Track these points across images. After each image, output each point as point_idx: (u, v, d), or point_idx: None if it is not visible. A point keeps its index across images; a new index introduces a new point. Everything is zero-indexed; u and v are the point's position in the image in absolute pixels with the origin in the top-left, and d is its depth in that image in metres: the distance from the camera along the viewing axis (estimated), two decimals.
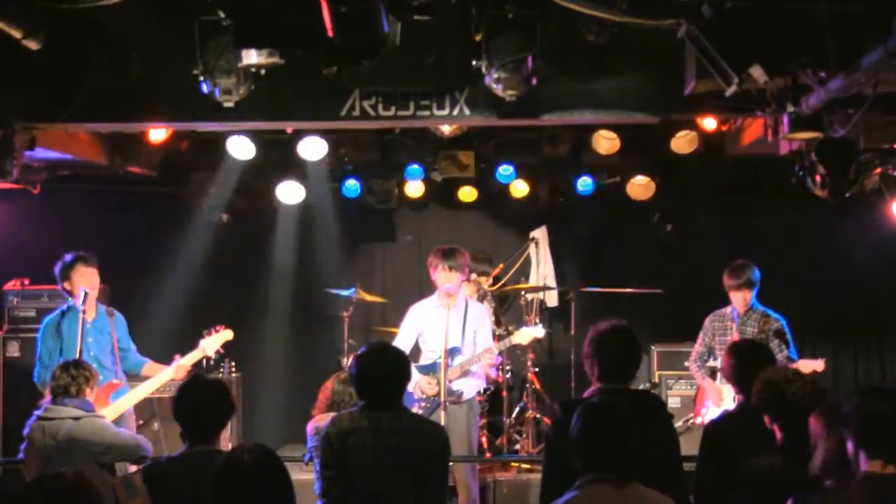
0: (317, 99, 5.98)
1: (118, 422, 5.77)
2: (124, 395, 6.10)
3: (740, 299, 6.56)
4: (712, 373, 6.74)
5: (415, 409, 6.26)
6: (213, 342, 6.37)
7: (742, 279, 6.52)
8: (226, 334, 6.43)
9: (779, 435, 3.86)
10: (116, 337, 6.40)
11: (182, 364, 6.24)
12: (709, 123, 7.17)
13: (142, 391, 6.16)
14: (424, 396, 6.39)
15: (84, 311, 6.12)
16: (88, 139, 7.30)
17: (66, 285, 6.26)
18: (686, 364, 7.10)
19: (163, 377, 6.22)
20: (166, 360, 6.36)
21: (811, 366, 6.19)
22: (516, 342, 6.73)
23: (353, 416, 4.16)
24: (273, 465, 3.35)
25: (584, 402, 3.78)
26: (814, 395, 3.80)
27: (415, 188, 8.81)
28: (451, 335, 6.25)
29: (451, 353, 6.27)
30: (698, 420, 6.85)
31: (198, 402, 4.05)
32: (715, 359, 6.73)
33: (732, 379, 4.53)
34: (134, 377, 6.45)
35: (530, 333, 6.68)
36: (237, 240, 9.07)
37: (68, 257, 6.29)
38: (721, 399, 6.58)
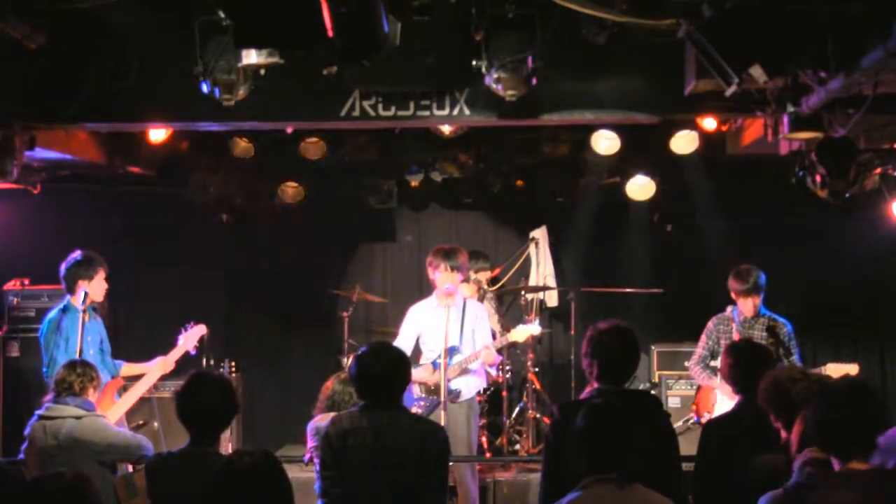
0: (317, 99, 5.98)
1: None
2: (126, 393, 6.16)
3: (750, 305, 6.39)
4: (716, 373, 6.67)
5: (415, 410, 6.27)
6: (191, 337, 6.48)
7: (751, 283, 6.35)
8: (199, 329, 6.57)
9: (784, 434, 3.85)
10: (101, 339, 6.42)
11: (167, 359, 6.31)
12: (709, 123, 7.16)
13: (139, 389, 6.19)
14: (424, 394, 6.40)
15: (83, 312, 6.12)
16: (88, 139, 7.29)
17: (84, 284, 6.21)
18: (686, 364, 6.98)
19: (154, 374, 6.26)
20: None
21: (843, 370, 6.07)
22: (513, 340, 6.71)
23: (353, 416, 4.16)
24: (273, 469, 3.33)
25: (581, 403, 3.78)
26: None
27: (415, 188, 8.80)
28: (450, 334, 6.25)
29: (450, 352, 6.27)
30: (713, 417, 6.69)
31: (203, 401, 3.99)
32: (715, 360, 6.69)
33: (730, 379, 4.52)
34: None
35: (526, 331, 6.67)
36: (237, 240, 9.07)
37: (92, 258, 6.29)
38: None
